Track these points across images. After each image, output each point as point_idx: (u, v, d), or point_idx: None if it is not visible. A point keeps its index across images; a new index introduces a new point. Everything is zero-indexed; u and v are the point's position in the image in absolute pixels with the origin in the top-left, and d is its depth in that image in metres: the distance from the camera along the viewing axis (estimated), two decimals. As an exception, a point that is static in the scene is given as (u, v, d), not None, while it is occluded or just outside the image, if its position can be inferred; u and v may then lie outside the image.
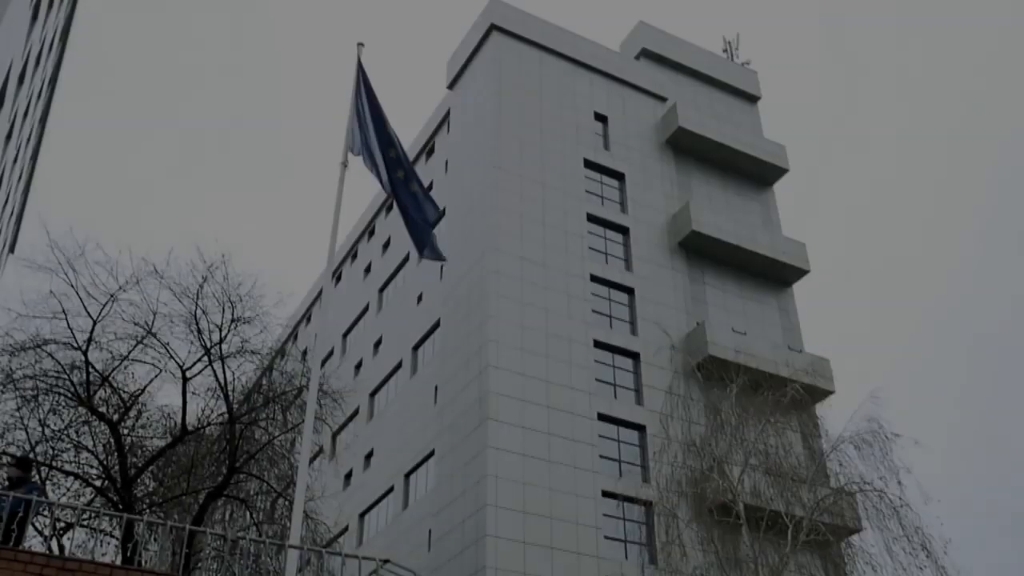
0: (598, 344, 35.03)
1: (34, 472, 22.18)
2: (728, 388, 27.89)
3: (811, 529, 24.40)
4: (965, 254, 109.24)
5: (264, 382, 27.10)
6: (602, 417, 33.30)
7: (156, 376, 23.90)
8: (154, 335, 23.22)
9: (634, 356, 35.71)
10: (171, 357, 23.51)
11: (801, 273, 41.08)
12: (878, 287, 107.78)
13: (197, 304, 23.46)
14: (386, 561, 14.20)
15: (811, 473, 26.20)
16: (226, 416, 23.92)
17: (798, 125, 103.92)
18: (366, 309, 46.41)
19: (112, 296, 22.77)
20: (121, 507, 21.26)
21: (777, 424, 26.88)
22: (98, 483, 23.04)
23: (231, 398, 24.00)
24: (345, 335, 48.06)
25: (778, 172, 44.31)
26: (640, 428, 33.75)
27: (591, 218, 38.25)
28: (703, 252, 39.69)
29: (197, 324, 23.44)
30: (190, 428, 24.11)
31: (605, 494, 31.53)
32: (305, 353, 42.49)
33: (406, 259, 43.26)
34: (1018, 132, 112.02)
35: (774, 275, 40.85)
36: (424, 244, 16.96)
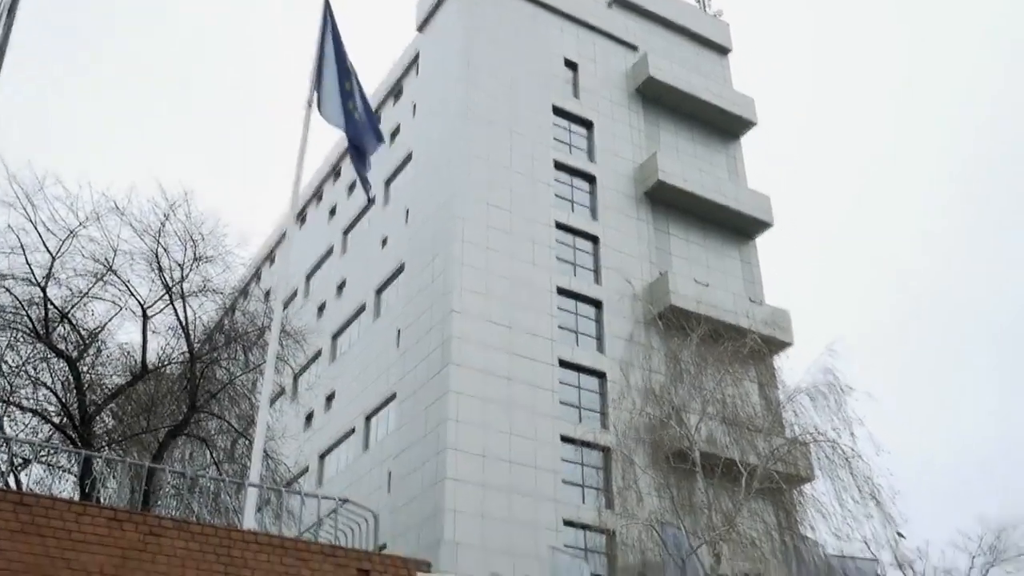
0: (561, 291, 35.20)
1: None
2: (688, 338, 28.22)
3: (765, 477, 24.89)
4: (930, 210, 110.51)
5: (226, 322, 26.99)
6: (563, 364, 33.58)
7: (116, 314, 23.70)
8: (114, 272, 22.98)
9: (597, 304, 35.94)
10: (132, 295, 23.31)
11: (765, 226, 41.38)
12: (842, 242, 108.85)
13: (158, 242, 23.20)
14: (345, 501, 14.33)
15: (767, 423, 26.69)
16: (187, 355, 23.83)
17: (768, 79, 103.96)
18: (330, 251, 46.20)
19: (72, 232, 22.45)
20: (79, 444, 21.21)
21: (735, 374, 27.29)
22: (56, 419, 22.93)
23: (192, 337, 23.89)
24: (309, 277, 47.86)
25: (746, 125, 44.36)
26: (600, 375, 34.09)
27: (558, 166, 38.18)
28: (669, 202, 39.80)
29: (158, 262, 23.21)
30: (150, 366, 24.01)
31: (564, 439, 31.92)
32: (268, 294, 42.30)
33: (372, 201, 43.00)
34: (987, 84, 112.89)
35: (738, 227, 41.11)
36: (365, 178, 17.07)
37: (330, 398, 40.28)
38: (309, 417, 41.38)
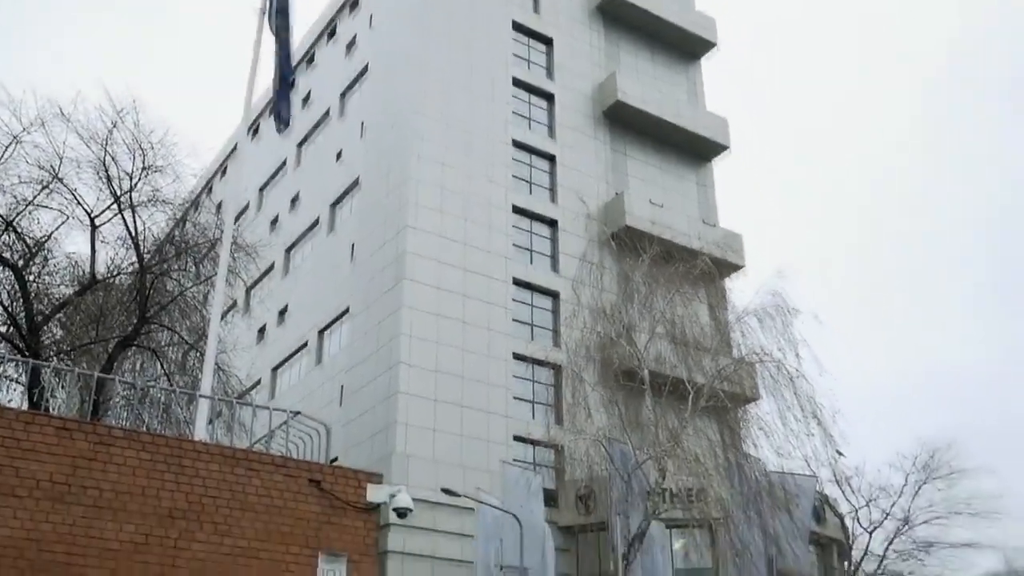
0: (517, 210, 35.17)
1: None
2: (641, 258, 28.44)
3: (711, 396, 25.42)
4: (890, 138, 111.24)
5: (176, 233, 26.63)
6: (517, 282, 33.75)
7: (63, 223, 23.25)
8: (61, 180, 22.48)
9: (552, 223, 36.00)
10: (79, 204, 22.85)
11: (721, 148, 41.48)
12: (801, 167, 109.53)
13: (106, 150, 22.67)
14: (297, 413, 14.46)
15: (714, 343, 27.15)
16: (136, 266, 23.55)
17: (731, 5, 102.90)
18: (284, 164, 45.52)
19: (15, 138, 21.87)
20: (27, 354, 21.00)
21: (686, 295, 27.63)
22: (2, 328, 22.65)
23: (142, 248, 23.57)
24: (262, 189, 47.22)
25: (707, 46, 44.09)
26: (554, 294, 34.33)
27: (516, 83, 37.77)
28: (627, 123, 39.66)
29: (106, 171, 22.72)
30: (99, 277, 23.69)
31: (516, 356, 32.24)
32: (220, 206, 41.74)
33: (326, 114, 42.34)
34: (952, 7, 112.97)
35: (695, 149, 41.15)
36: (279, 110, 16.98)
37: (283, 312, 40.17)
38: (261, 331, 41.27)
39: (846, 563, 34.30)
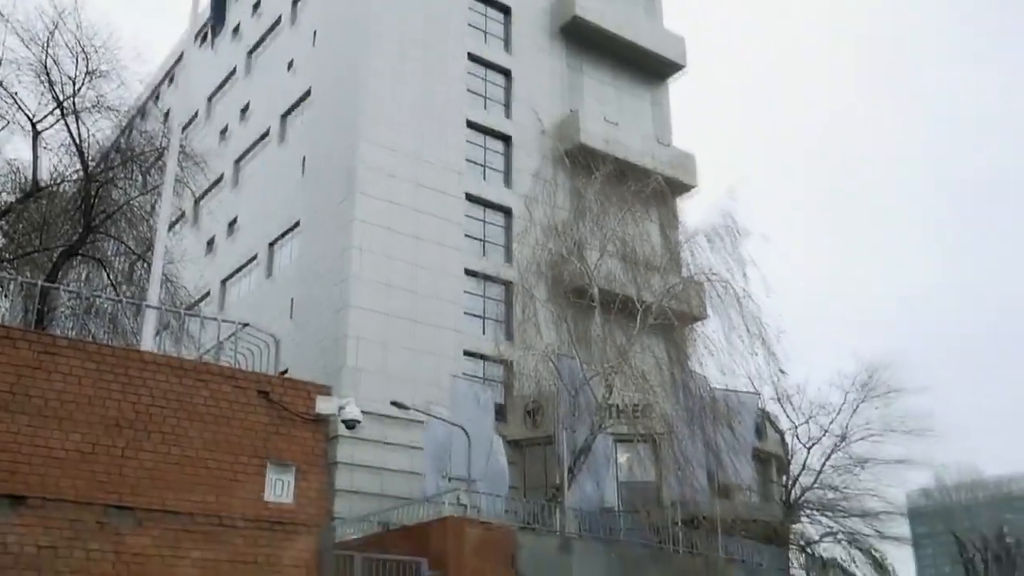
0: (471, 125, 34.86)
1: None
2: (594, 176, 28.45)
3: (659, 314, 25.76)
4: (850, 62, 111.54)
5: (123, 141, 26.06)
6: (470, 198, 33.64)
7: (3, 127, 22.60)
8: (0, 83, 21.80)
9: (506, 139, 35.77)
10: (20, 108, 22.21)
11: (677, 68, 41.28)
12: (758, 89, 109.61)
13: (47, 52, 21.96)
14: (246, 325, 14.42)
15: (664, 262, 27.42)
16: (81, 174, 23.04)
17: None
18: (233, 73, 44.47)
19: (-50, 38, 21.09)
20: (-32, 261, 20.60)
21: (637, 214, 27.77)
22: (-58, 236, 22.17)
23: (87, 155, 23.04)
24: (211, 98, 46.15)
25: (665, -39, 43.52)
26: (506, 211, 34.30)
27: (473, -7, 37.08)
28: (584, 39, 39.21)
29: (48, 74, 22.03)
30: (42, 184, 23.17)
31: (468, 272, 32.34)
32: (167, 115, 40.76)
33: (278, 22, 41.28)
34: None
35: (651, 68, 40.89)
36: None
37: (232, 224, 39.70)
38: (210, 243, 40.81)
39: (784, 477, 35.38)
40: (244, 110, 42.02)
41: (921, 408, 36.78)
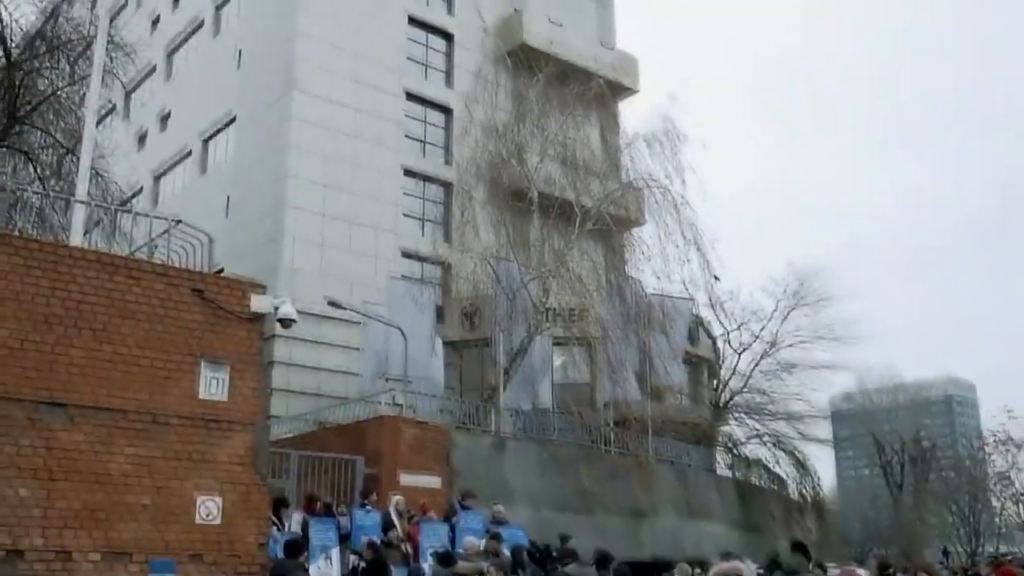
0: (412, 21, 34.07)
1: None
2: (536, 78, 28.16)
3: (597, 219, 25.92)
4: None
5: (48, 28, 24.99)
6: (410, 96, 33.08)
7: (-82, 11, 21.53)
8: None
9: (448, 37, 35.06)
10: (-65, -10, 21.12)
11: (623, -32, 40.61)
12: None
13: (-37, -69, 20.84)
14: (179, 222, 14.15)
15: (604, 167, 27.46)
16: (4, 61, 22.12)
17: None
18: (164, -42, 42.68)
19: None
20: None
21: (578, 118, 27.65)
22: None
23: (9, 42, 22.09)
24: (141, -15, 44.35)
25: None
26: (447, 110, 33.83)
27: None
28: (528, -65, 38.28)
29: (-35, -45, 20.95)
30: (-39, 71, 22.22)
31: (407, 172, 32.03)
32: (95, 1, 39.07)
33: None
34: None
35: (596, -33, 40.17)
36: None
37: (165, 118, 38.62)
38: (142, 137, 39.71)
39: (715, 381, 36.34)
40: (176, -2, 40.52)
41: (849, 315, 37.85)
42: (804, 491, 35.75)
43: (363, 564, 12.85)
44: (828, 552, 25.01)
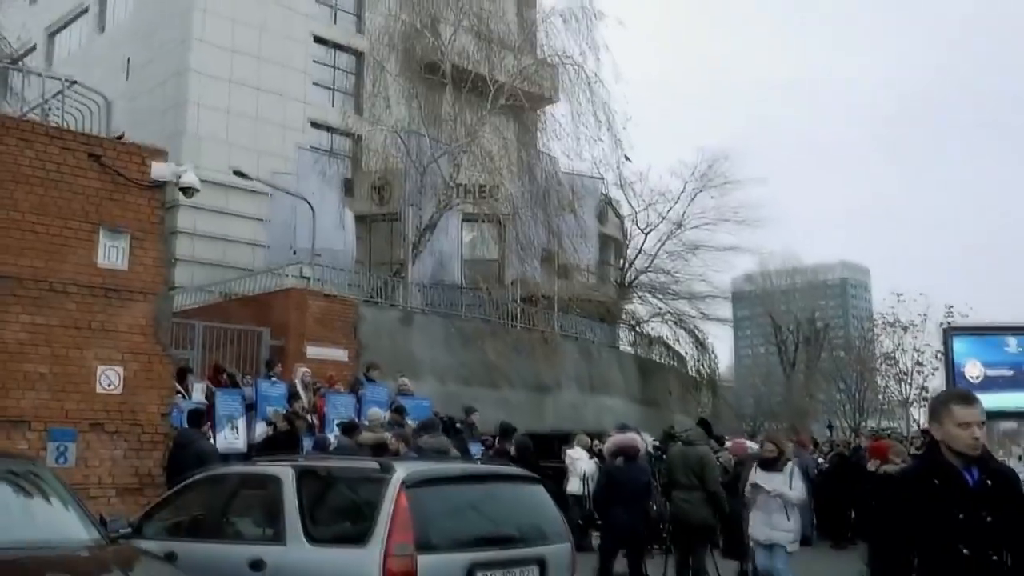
0: None
1: None
2: (451, -55, 27.30)
3: (510, 95, 25.64)
4: None
5: None
6: (321, -40, 31.84)
7: None
8: None
9: None
10: None
11: None
12: None
13: None
14: (74, 82, 13.57)
15: (519, 42, 27.02)
16: None
17: None
18: None
19: None
20: None
21: (494, -11, 27.03)
22: None
23: None
24: None
25: None
26: (359, -24, 32.73)
27: None
28: None
29: None
30: None
31: (317, 39, 31.08)
32: None
33: None
34: None
35: None
36: None
37: (58, -30, 36.46)
38: (34, -9, 37.48)
39: (621, 260, 36.97)
40: None
41: (754, 199, 38.65)
42: (702, 368, 37.07)
43: (272, 432, 12.95)
44: (722, 426, 26.14)
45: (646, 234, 36.61)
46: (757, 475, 9.79)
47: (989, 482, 3.92)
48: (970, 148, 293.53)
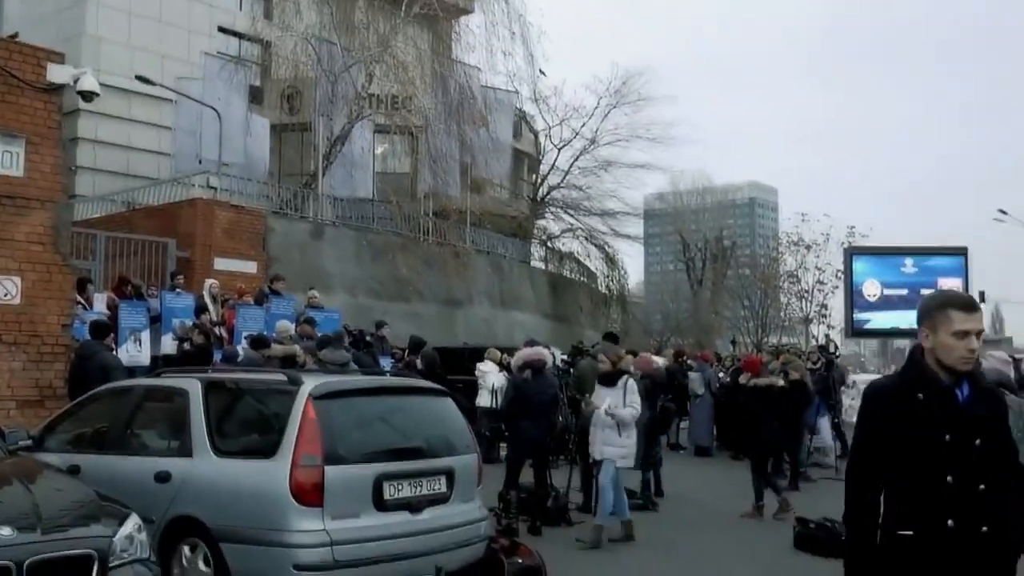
0: None
1: None
2: None
3: (424, 3, 25.08)
4: None
5: None
6: None
7: None
8: None
9: None
10: None
11: None
12: None
13: None
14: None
15: (434, -52, 26.37)
16: None
17: None
18: None
19: None
20: None
21: None
22: None
23: None
24: None
25: None
26: None
27: None
28: None
29: None
30: None
31: (223, -60, 29.81)
32: None
33: None
34: None
35: None
36: None
37: None
38: None
39: (534, 176, 37.01)
40: None
41: (667, 118, 38.90)
42: (612, 285, 37.59)
43: (189, 347, 12.76)
44: (630, 342, 26.67)
45: (559, 150, 36.65)
46: (596, 391, 9.80)
47: (981, 401, 3.37)
48: (910, 79, 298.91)
